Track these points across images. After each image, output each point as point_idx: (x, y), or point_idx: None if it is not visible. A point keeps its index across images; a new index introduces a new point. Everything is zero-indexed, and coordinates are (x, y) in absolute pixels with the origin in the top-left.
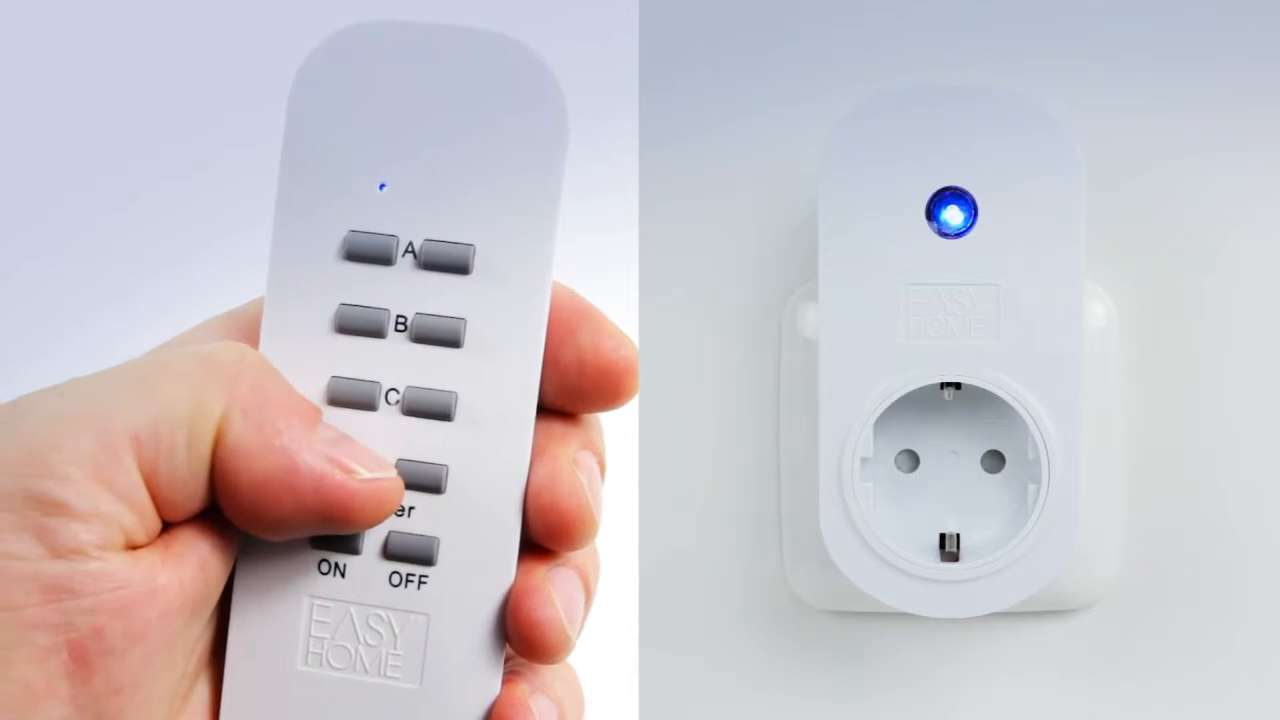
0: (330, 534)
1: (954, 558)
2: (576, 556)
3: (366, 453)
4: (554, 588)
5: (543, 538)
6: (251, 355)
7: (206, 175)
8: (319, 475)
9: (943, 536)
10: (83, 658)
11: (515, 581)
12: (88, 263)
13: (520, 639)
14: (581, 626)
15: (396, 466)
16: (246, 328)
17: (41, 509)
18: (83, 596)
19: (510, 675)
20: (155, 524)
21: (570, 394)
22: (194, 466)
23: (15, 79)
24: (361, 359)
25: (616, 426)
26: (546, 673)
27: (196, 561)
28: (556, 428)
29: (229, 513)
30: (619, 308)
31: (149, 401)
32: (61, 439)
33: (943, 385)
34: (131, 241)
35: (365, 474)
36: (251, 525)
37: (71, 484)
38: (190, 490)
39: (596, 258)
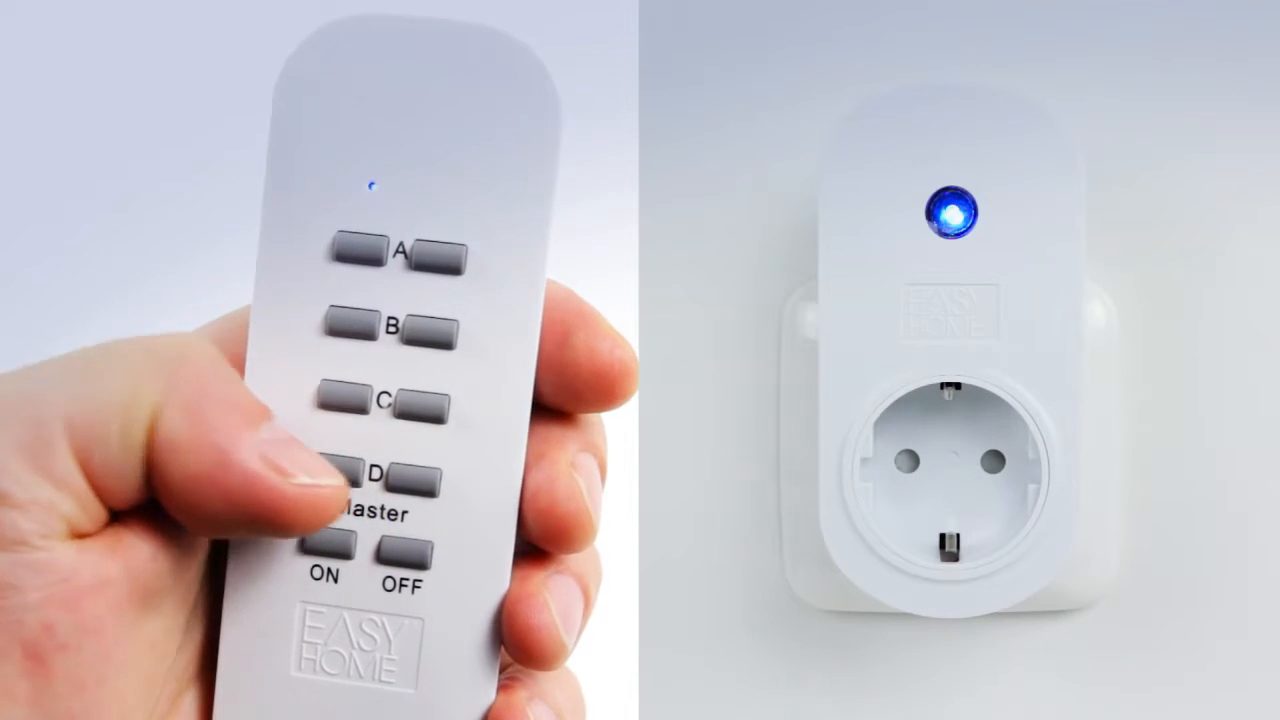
0: (270, 536)
1: (954, 558)
2: (576, 563)
3: (309, 456)
4: (550, 594)
5: (541, 541)
6: (200, 347)
7: (206, 175)
8: (251, 475)
9: (943, 536)
10: (37, 655)
11: (512, 587)
12: (87, 263)
13: (515, 645)
14: (579, 633)
15: (389, 470)
16: (239, 333)
17: None
18: (27, 591)
19: (508, 681)
20: (99, 512)
21: (567, 395)
22: (128, 456)
23: (15, 79)
24: (352, 362)
25: (617, 426)
26: (545, 680)
27: (148, 552)
28: (555, 429)
29: (164, 505)
30: (619, 308)
31: (85, 387)
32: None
33: (943, 385)
34: (131, 241)
35: (303, 479)
36: (185, 520)
37: (7, 472)
38: (127, 479)
39: (596, 258)
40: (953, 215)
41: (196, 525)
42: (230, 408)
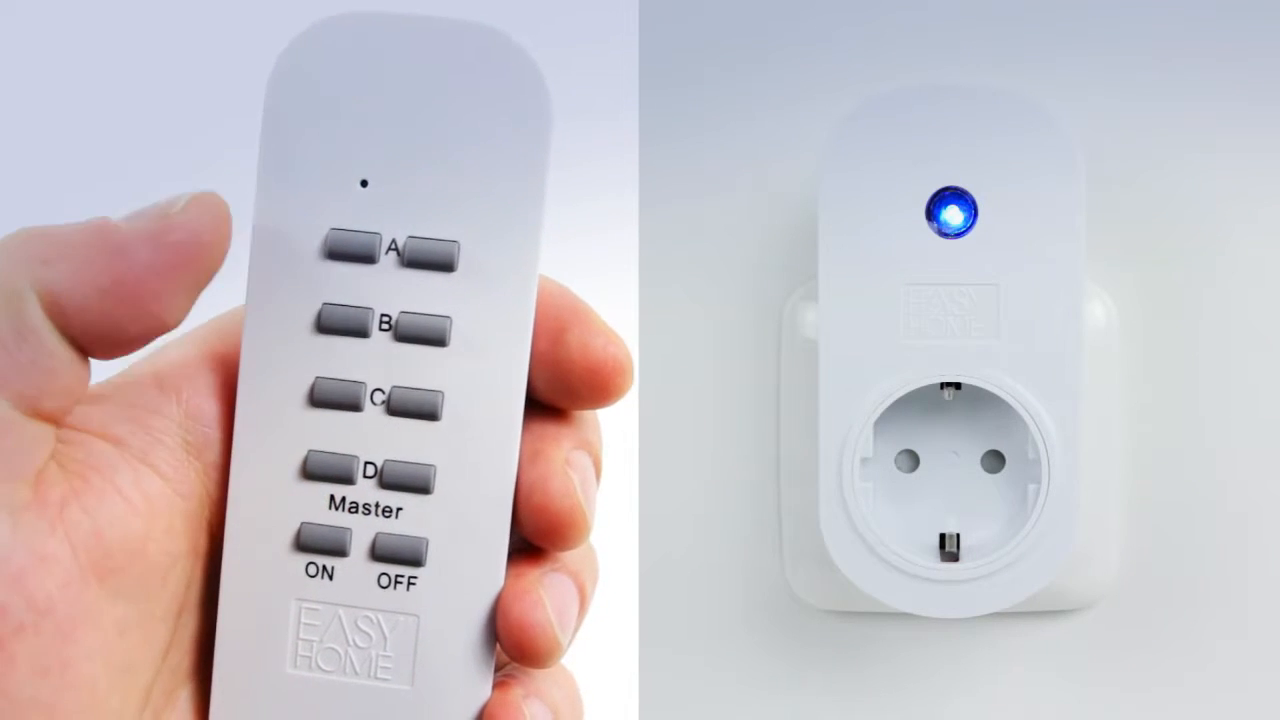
0: (200, 276)
1: (954, 558)
2: (571, 560)
3: (170, 198)
4: (545, 591)
5: (535, 538)
6: (26, 227)
7: (206, 175)
8: (147, 237)
9: (943, 536)
10: None
11: (507, 583)
12: None
13: (510, 642)
14: (575, 631)
15: (383, 467)
16: (234, 331)
17: None
18: None
19: (505, 679)
20: (41, 435)
21: (561, 391)
22: (40, 344)
23: (15, 79)
24: (345, 359)
25: (616, 425)
26: (542, 678)
27: (90, 527)
28: (550, 427)
29: (111, 348)
30: (619, 308)
31: None
32: None
33: (943, 385)
34: None
35: (176, 206)
36: (139, 336)
37: None
38: (52, 366)
39: (596, 257)
40: (953, 215)
41: (147, 330)
42: (81, 228)
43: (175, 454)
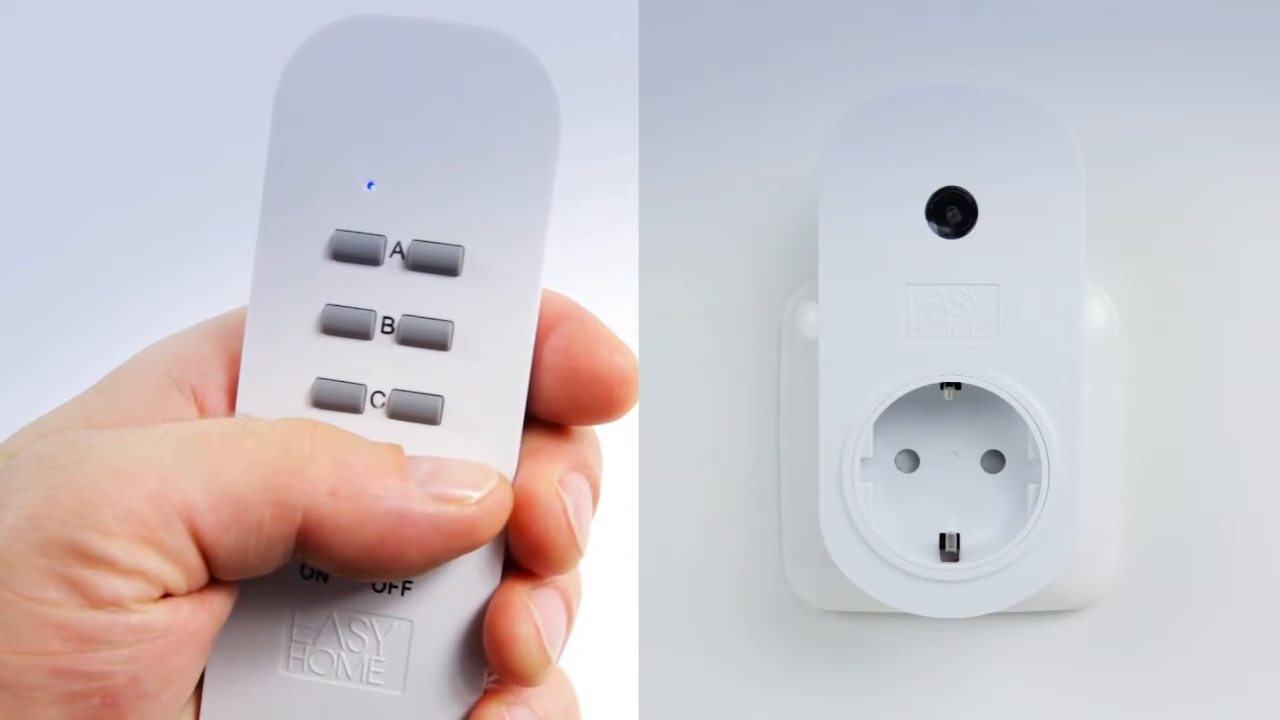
0: (457, 556)
1: (954, 558)
2: (560, 577)
3: (458, 465)
4: (535, 607)
5: (522, 560)
6: (320, 429)
7: (206, 175)
8: (433, 519)
9: (943, 536)
10: (115, 703)
11: (495, 599)
12: (87, 263)
13: (497, 658)
14: (562, 649)
15: None
16: (235, 333)
17: (82, 561)
18: (120, 647)
19: (496, 686)
20: (203, 578)
21: (563, 405)
22: (273, 544)
23: (15, 79)
24: (347, 361)
25: (616, 425)
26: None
27: (232, 600)
28: (548, 444)
29: (335, 571)
30: (619, 307)
31: (214, 471)
32: (118, 494)
33: (943, 385)
34: (131, 242)
35: (475, 495)
36: (366, 578)
37: (118, 541)
38: (265, 559)
39: (596, 258)
40: (953, 215)
41: (380, 577)
42: (378, 471)
43: None
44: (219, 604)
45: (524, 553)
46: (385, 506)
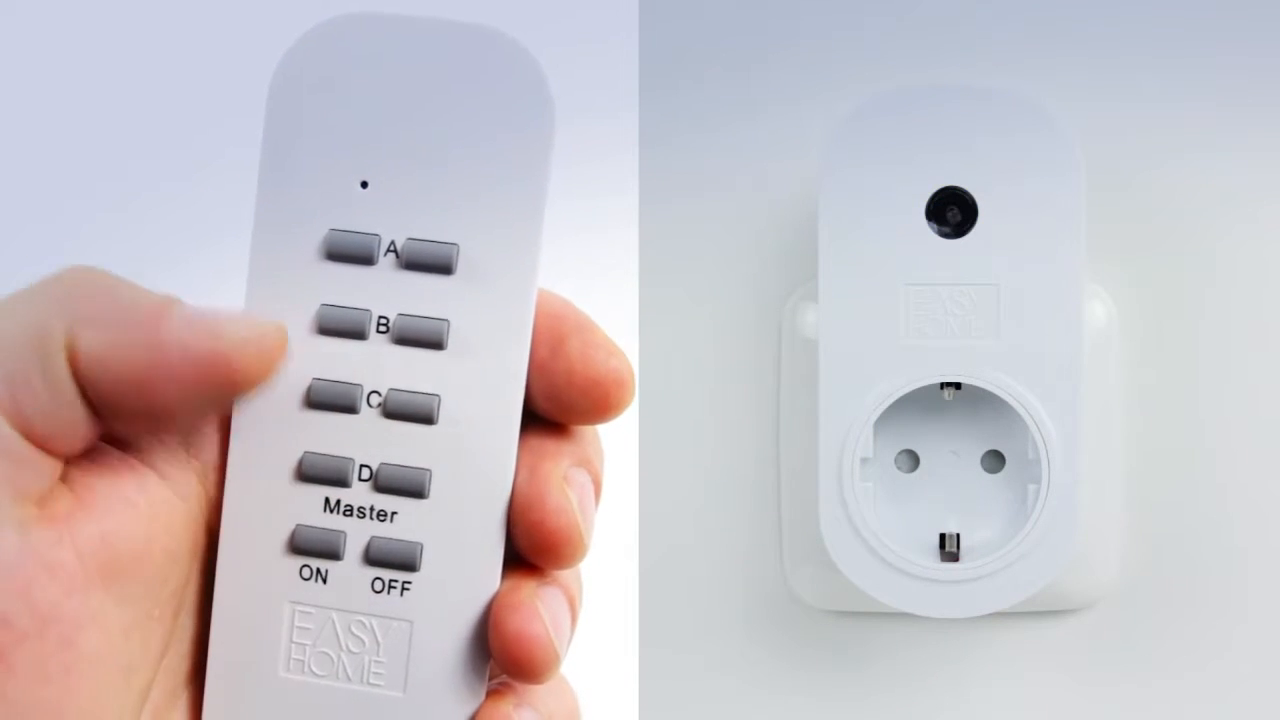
0: (228, 399)
1: (954, 558)
2: (563, 575)
3: (236, 315)
4: (542, 604)
5: (530, 555)
6: (91, 270)
7: (206, 175)
8: (187, 349)
9: (943, 536)
10: None
11: (502, 597)
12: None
13: (507, 656)
14: (568, 647)
15: (378, 471)
16: None
17: None
18: None
19: (499, 687)
20: (47, 465)
21: (561, 405)
22: (60, 395)
23: (15, 79)
24: (342, 361)
25: (616, 425)
26: (537, 687)
27: (96, 533)
28: (550, 442)
29: (121, 424)
30: (619, 308)
31: None
32: None
33: (943, 385)
34: (131, 241)
35: (238, 334)
36: (149, 426)
37: None
38: (65, 417)
39: (596, 258)
40: (953, 215)
41: (160, 426)
42: (136, 304)
43: (176, 455)
44: (81, 542)
45: (533, 548)
46: (138, 334)
